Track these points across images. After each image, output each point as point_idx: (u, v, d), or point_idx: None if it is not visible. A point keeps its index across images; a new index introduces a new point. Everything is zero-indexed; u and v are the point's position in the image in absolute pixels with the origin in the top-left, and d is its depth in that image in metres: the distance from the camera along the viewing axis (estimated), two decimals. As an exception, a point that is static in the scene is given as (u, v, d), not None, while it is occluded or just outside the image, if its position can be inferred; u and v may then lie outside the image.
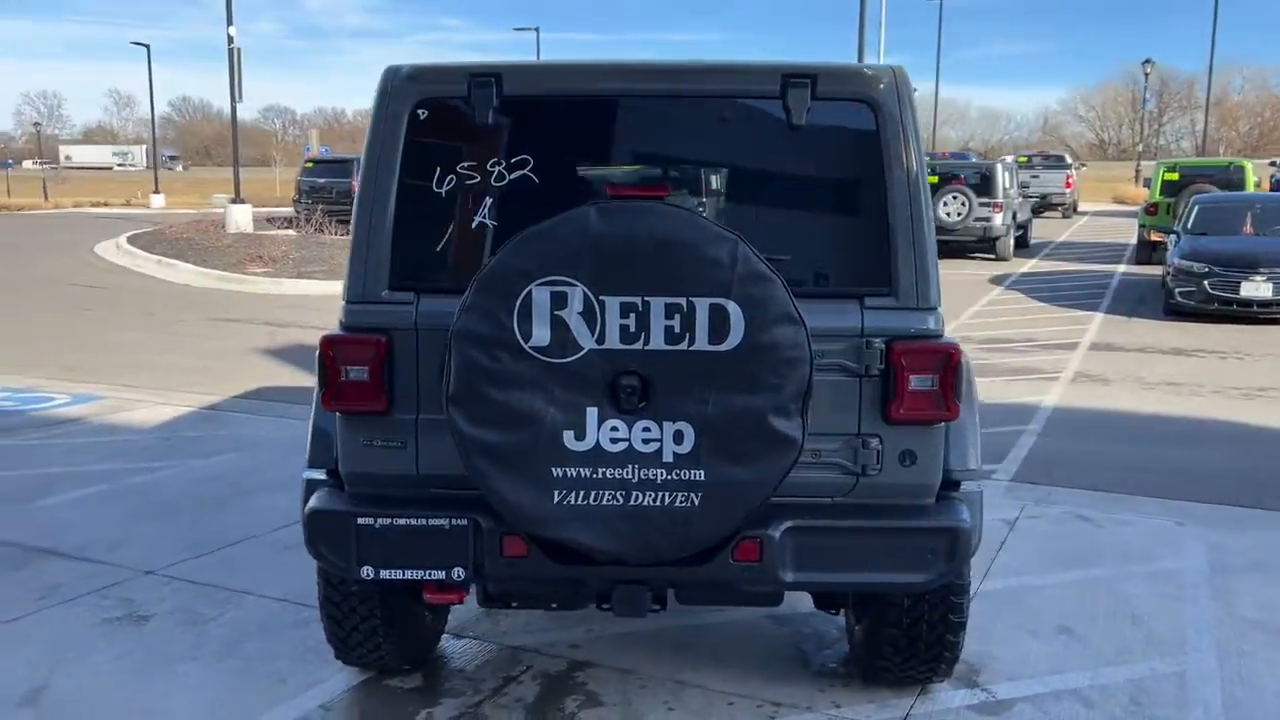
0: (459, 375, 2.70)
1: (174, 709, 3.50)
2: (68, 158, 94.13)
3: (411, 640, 3.62)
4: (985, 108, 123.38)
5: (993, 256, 20.29)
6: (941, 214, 19.71)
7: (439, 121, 3.04)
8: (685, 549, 2.76)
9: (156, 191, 40.78)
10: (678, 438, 2.68)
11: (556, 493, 2.70)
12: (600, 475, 2.69)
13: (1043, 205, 31.57)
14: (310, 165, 26.11)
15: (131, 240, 21.51)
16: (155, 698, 3.57)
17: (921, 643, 3.40)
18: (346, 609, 3.41)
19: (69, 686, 3.64)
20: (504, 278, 2.66)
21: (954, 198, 19.85)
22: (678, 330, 2.65)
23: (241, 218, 23.98)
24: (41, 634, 4.07)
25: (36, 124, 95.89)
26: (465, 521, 2.91)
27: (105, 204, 39.75)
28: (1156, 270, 16.00)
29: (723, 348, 2.65)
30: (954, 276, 18.42)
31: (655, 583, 3.00)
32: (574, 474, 2.69)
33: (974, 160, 28.59)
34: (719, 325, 2.64)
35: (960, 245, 20.46)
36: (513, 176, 3.02)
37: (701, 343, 2.65)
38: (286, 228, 23.32)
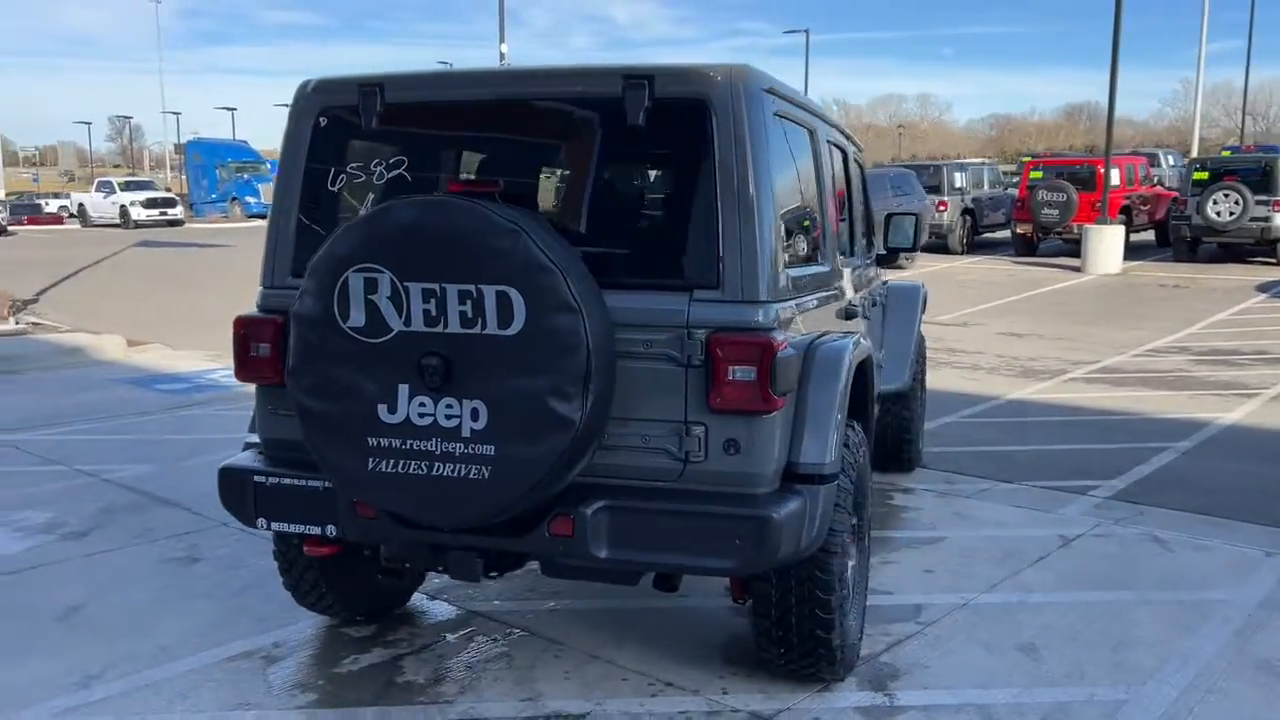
0: (295, 351, 3.06)
1: (165, 631, 4.08)
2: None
3: (359, 593, 4.02)
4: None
5: (1273, 260, 18.34)
6: (1210, 213, 18.08)
7: (335, 128, 3.42)
8: (478, 518, 2.98)
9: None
10: (474, 414, 2.91)
11: (371, 460, 3.00)
12: (409, 446, 2.96)
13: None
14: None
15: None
16: (157, 622, 4.17)
17: (793, 636, 3.41)
18: (291, 560, 3.86)
19: (99, 609, 4.33)
20: (328, 265, 2.98)
21: (1225, 195, 18.11)
22: (470, 315, 2.87)
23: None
24: (113, 566, 4.83)
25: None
26: (331, 484, 3.27)
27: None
28: None
29: (509, 332, 2.85)
30: (1214, 281, 16.86)
31: (489, 550, 3.23)
32: (387, 444, 2.98)
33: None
34: (505, 311, 2.84)
35: (1235, 247, 18.68)
36: (390, 175, 3.34)
37: (491, 327, 2.86)
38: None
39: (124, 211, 36.12)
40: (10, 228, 32.50)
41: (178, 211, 36.98)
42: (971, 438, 7.41)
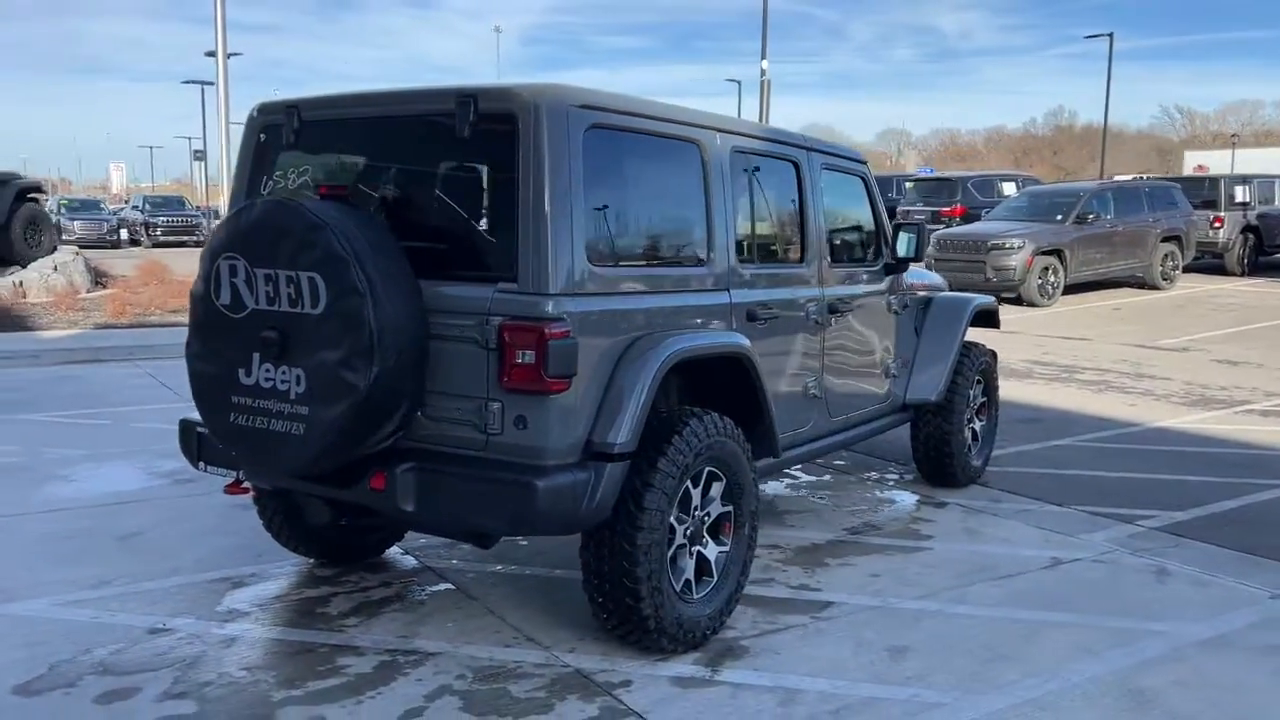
0: (190, 325, 3.77)
1: (185, 556, 4.93)
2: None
3: (322, 539, 4.69)
4: None
5: None
6: None
7: (270, 143, 4.12)
8: (297, 469, 3.55)
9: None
10: (297, 380, 3.49)
11: (232, 415, 3.65)
12: (256, 405, 3.59)
13: None
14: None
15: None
16: (185, 549, 5.04)
17: (609, 602, 3.73)
18: (262, 505, 4.61)
19: (153, 536, 5.26)
20: (208, 253, 3.67)
21: None
22: (294, 297, 3.45)
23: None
24: (191, 506, 5.80)
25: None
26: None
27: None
28: None
29: (317, 312, 3.41)
30: None
31: (338, 499, 3.80)
32: (242, 402, 3.62)
33: None
34: (314, 294, 3.40)
35: None
36: (299, 180, 4.00)
37: (307, 307, 3.43)
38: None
39: None
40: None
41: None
42: (1065, 461, 7.13)
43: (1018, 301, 16.51)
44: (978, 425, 6.58)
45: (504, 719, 3.45)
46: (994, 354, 6.80)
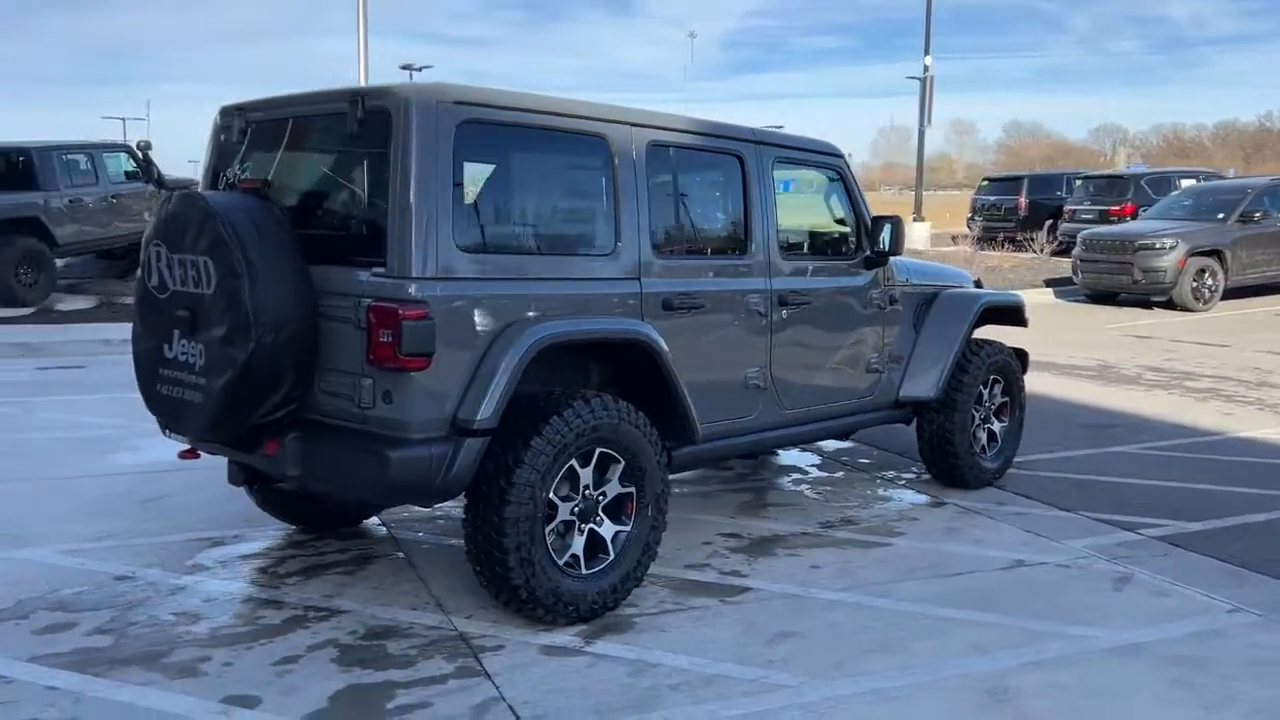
0: (134, 304, 4.23)
1: (190, 519, 5.45)
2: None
3: (298, 508, 5.10)
4: None
5: None
6: None
7: (226, 142, 4.54)
8: (197, 434, 3.94)
9: (919, 218, 41.79)
10: (200, 353, 3.87)
11: (159, 385, 4.08)
12: (174, 376, 4.00)
13: None
14: (985, 184, 26.56)
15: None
16: (194, 512, 5.55)
17: (486, 573, 3.95)
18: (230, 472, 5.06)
19: (175, 500, 5.81)
20: (145, 241, 4.11)
21: None
22: (197, 279, 3.84)
23: (917, 235, 25.71)
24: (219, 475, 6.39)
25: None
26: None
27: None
28: None
29: (210, 292, 3.78)
30: None
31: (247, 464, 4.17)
32: (166, 374, 4.04)
33: None
34: (207, 276, 3.77)
35: None
36: (241, 175, 4.41)
37: (205, 288, 3.81)
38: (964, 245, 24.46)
39: None
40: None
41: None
42: (1109, 467, 6.82)
43: (1170, 305, 15.58)
44: (996, 426, 6.40)
45: (366, 670, 3.72)
46: (1019, 352, 6.59)
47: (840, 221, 5.60)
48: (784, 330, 5.04)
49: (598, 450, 4.10)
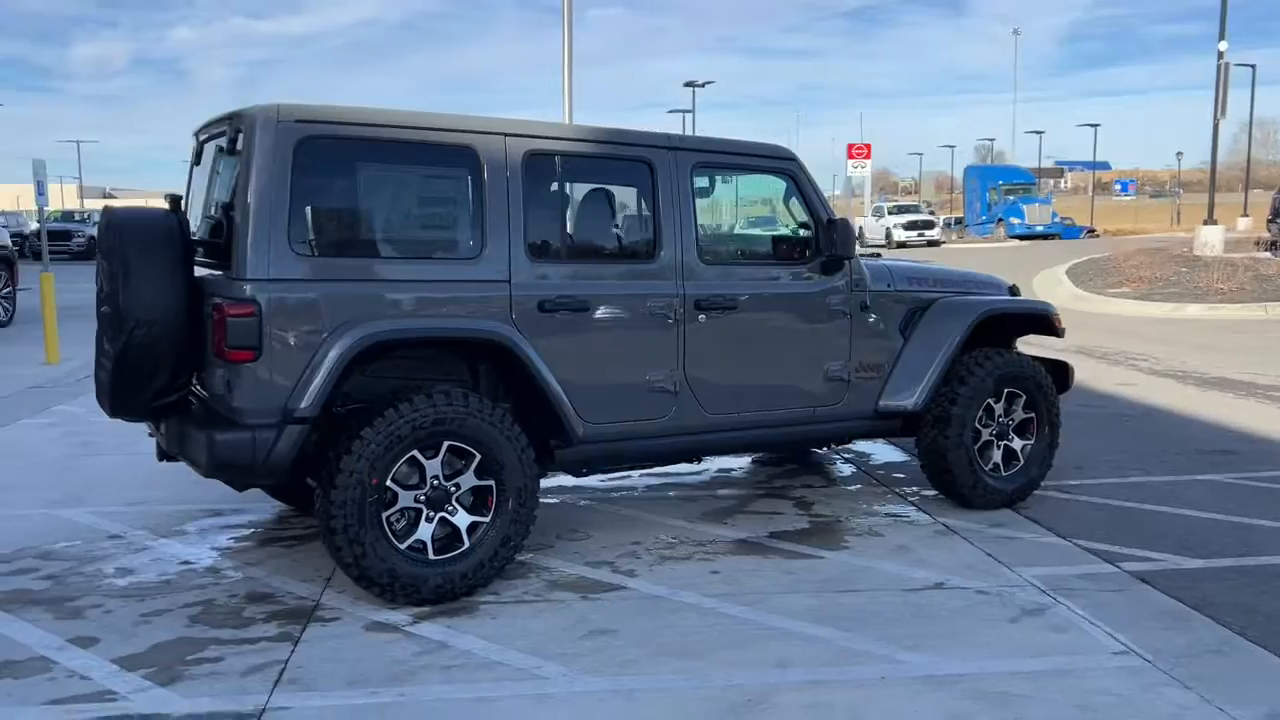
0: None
1: (196, 493, 6.15)
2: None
3: (282, 489, 5.68)
4: None
5: None
6: None
7: (192, 161, 5.20)
8: (108, 411, 4.55)
9: (1211, 220, 37.18)
10: (108, 344, 4.51)
11: (98, 370, 4.76)
12: (101, 362, 4.65)
13: None
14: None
15: (1070, 269, 22.91)
16: (201, 485, 6.29)
17: (327, 550, 4.31)
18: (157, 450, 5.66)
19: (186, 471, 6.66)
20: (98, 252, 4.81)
21: None
22: (105, 280, 4.47)
23: (1212, 238, 23.48)
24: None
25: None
26: None
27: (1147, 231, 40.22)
28: None
29: (109, 292, 4.39)
30: None
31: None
32: (100, 360, 4.71)
33: None
34: (109, 278, 4.39)
35: None
36: (193, 191, 5.04)
37: (107, 288, 4.43)
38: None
39: (888, 233, 39.90)
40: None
41: (935, 233, 39.76)
42: (1174, 497, 6.18)
43: None
44: (1017, 444, 5.96)
45: (204, 626, 4.18)
46: (1058, 365, 6.13)
47: (788, 225, 5.47)
48: (702, 334, 5.02)
49: (446, 443, 4.35)
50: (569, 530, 5.51)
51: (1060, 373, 6.26)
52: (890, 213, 41.81)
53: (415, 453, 4.31)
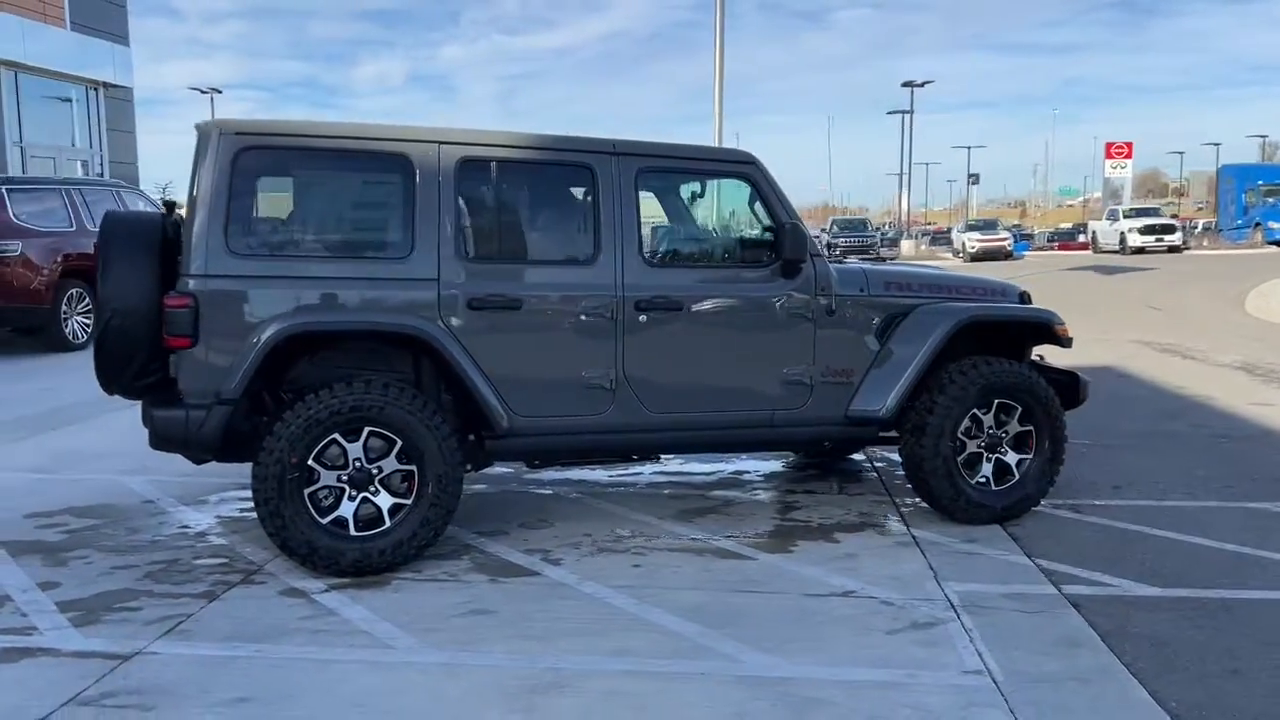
0: None
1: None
2: None
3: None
4: None
5: None
6: None
7: None
8: (102, 389, 5.18)
9: None
10: (94, 328, 5.15)
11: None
12: None
13: None
14: None
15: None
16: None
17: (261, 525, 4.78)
18: None
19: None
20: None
21: None
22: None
23: None
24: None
25: None
26: None
27: None
28: None
29: (100, 283, 5.02)
30: None
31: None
32: None
33: None
34: (100, 272, 5.02)
35: None
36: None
37: (100, 282, 5.07)
38: None
39: (1122, 238, 37.43)
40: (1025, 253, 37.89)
41: (1175, 238, 36.93)
42: (1185, 521, 5.76)
43: None
44: (1012, 458, 5.73)
45: (150, 580, 4.72)
46: (1068, 377, 5.85)
47: (748, 229, 5.49)
48: (643, 334, 5.15)
49: (366, 429, 4.72)
50: (536, 519, 5.76)
51: (1070, 386, 5.93)
52: (1126, 216, 39.08)
53: (337, 436, 4.69)
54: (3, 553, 5.14)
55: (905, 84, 46.12)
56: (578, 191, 5.24)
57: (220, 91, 50.22)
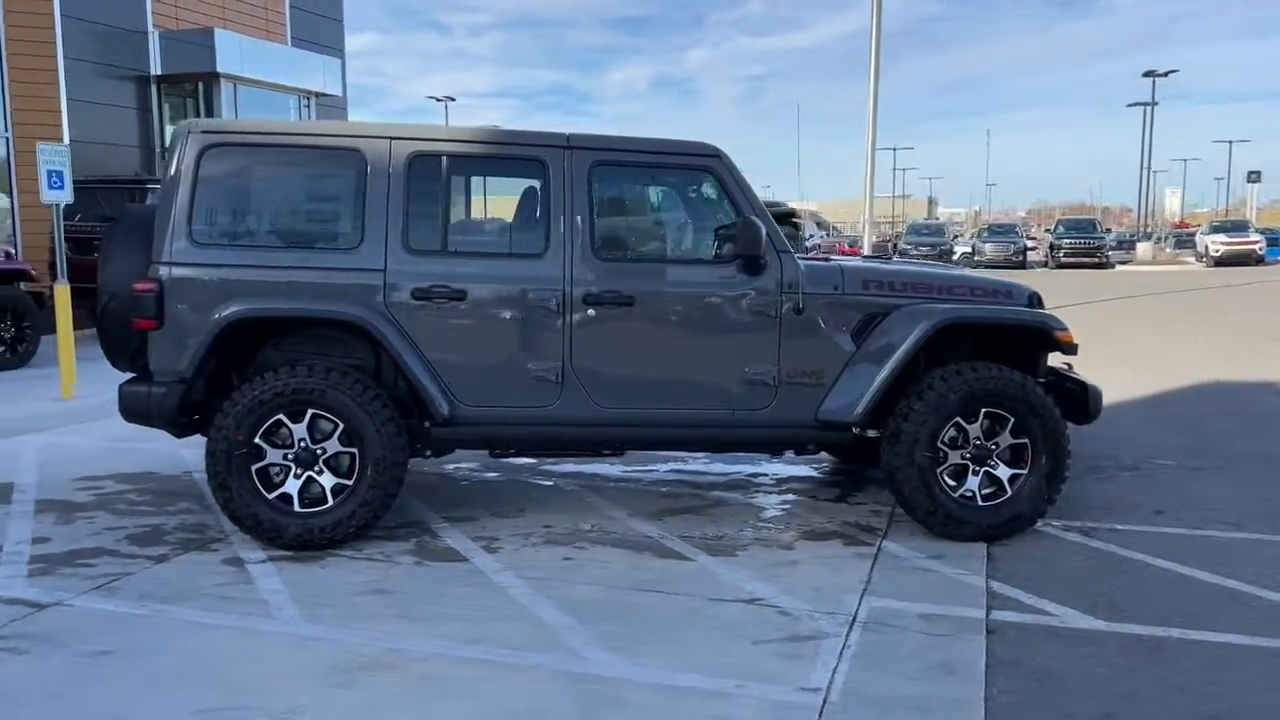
0: None
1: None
2: None
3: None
4: None
5: None
6: None
7: None
8: (112, 365, 5.67)
9: None
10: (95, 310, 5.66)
11: None
12: None
13: None
14: None
15: None
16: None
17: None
18: None
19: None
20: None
21: None
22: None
23: None
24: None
25: None
26: None
27: None
28: None
29: (99, 269, 5.52)
30: None
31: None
32: None
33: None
34: (100, 260, 5.51)
35: None
36: None
37: (100, 268, 5.56)
38: None
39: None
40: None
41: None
42: (1201, 554, 5.21)
43: None
44: (1004, 473, 5.34)
45: (122, 543, 5.17)
46: (1077, 385, 5.42)
47: (709, 224, 5.36)
48: (592, 328, 5.15)
49: (309, 411, 4.98)
50: (514, 508, 5.88)
51: (1078, 397, 5.45)
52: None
53: (282, 417, 4.97)
54: (30, 508, 5.75)
55: (1146, 74, 42.40)
56: (529, 185, 5.29)
57: (454, 99, 53.10)
